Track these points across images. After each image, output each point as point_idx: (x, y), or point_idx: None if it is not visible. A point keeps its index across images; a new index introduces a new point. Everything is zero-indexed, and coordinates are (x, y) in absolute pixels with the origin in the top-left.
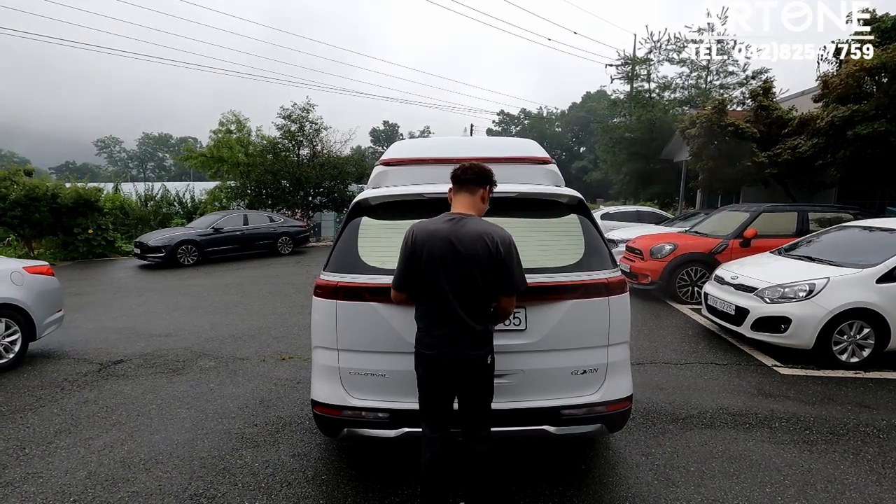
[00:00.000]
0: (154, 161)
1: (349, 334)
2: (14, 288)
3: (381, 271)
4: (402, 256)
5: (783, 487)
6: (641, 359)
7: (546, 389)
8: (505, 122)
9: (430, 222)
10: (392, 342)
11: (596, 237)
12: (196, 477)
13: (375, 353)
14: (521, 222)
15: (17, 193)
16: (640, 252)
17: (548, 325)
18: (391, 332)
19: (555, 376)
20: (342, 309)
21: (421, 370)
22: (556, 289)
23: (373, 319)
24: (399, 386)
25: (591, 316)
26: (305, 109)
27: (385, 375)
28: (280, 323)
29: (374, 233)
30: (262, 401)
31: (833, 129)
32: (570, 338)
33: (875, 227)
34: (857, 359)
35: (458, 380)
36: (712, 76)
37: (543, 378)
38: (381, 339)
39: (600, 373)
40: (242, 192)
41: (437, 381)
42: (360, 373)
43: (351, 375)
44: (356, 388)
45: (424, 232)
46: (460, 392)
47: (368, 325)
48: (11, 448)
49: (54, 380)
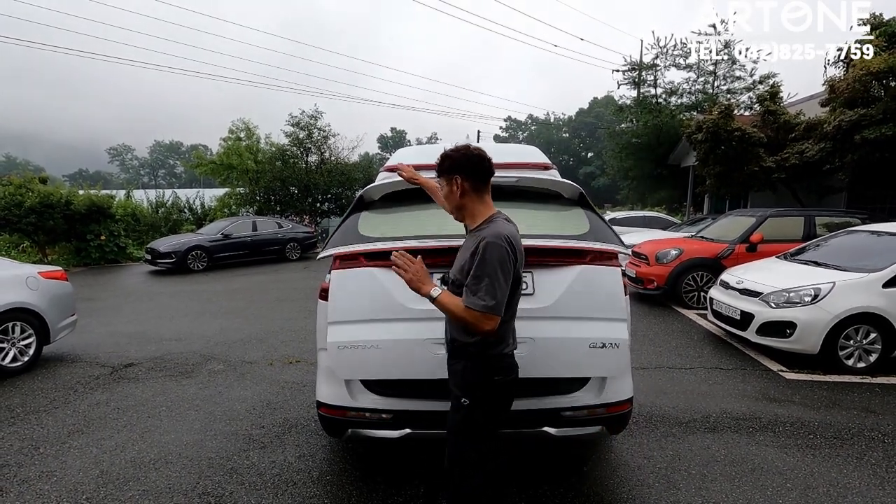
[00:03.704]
0: (165, 168)
1: (343, 303)
2: (29, 292)
3: (380, 240)
4: (504, 272)
5: (785, 490)
6: (646, 363)
7: (563, 362)
8: (512, 128)
9: (508, 225)
10: (389, 309)
11: (600, 222)
12: (204, 476)
13: (369, 321)
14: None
15: (32, 201)
16: (645, 257)
17: (557, 290)
18: (388, 297)
19: (571, 347)
20: (337, 278)
21: (505, 398)
22: (562, 252)
23: (369, 285)
24: (389, 359)
25: (603, 283)
26: (314, 117)
27: (378, 347)
28: (287, 327)
29: (376, 219)
30: (268, 403)
31: (840, 134)
32: (583, 306)
33: (882, 231)
34: (863, 364)
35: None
36: (719, 81)
37: (559, 349)
38: (377, 306)
39: (622, 350)
40: (251, 199)
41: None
42: (350, 346)
43: (339, 351)
44: (344, 366)
45: (515, 238)
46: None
47: (364, 291)
48: (27, 448)
49: (67, 382)
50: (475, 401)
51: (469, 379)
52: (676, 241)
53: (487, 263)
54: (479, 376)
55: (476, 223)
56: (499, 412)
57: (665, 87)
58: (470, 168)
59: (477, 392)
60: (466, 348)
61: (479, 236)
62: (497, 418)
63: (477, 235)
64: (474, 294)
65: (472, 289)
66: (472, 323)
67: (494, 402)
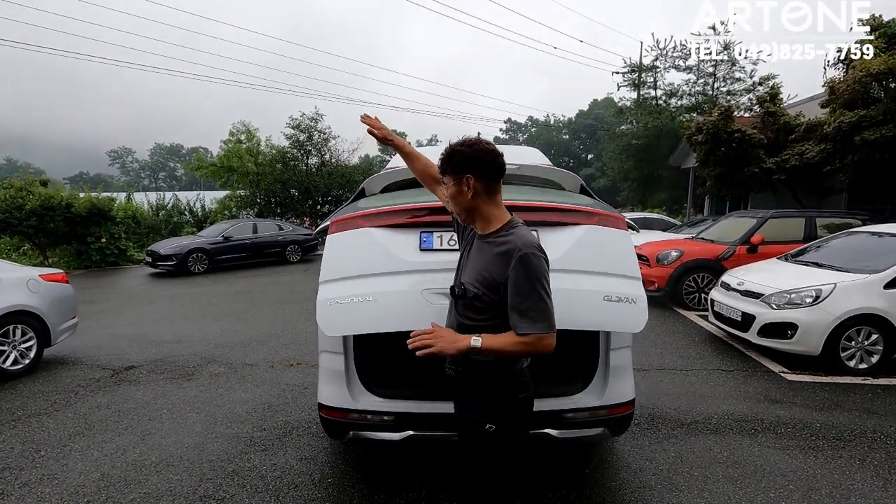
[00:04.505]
0: (165, 171)
1: (336, 262)
2: (30, 295)
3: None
4: (548, 284)
5: (787, 492)
6: (647, 365)
7: (574, 314)
8: (512, 130)
9: (533, 233)
10: (385, 264)
11: (605, 203)
12: (205, 479)
13: (365, 276)
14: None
15: (33, 203)
16: (646, 258)
17: (563, 246)
18: (385, 253)
19: (583, 299)
20: (331, 241)
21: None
22: (567, 211)
23: (365, 242)
24: (384, 311)
25: (613, 243)
26: (314, 119)
27: (372, 300)
28: (288, 329)
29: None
30: (270, 405)
31: (840, 135)
32: (593, 262)
33: (883, 232)
34: (865, 365)
35: None
36: (719, 83)
37: (569, 299)
38: (373, 262)
39: (640, 307)
40: (252, 201)
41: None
42: (343, 300)
43: (329, 307)
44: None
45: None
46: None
47: (359, 247)
48: (28, 451)
49: (68, 385)
50: (500, 423)
51: (492, 399)
52: (677, 242)
53: (532, 279)
54: (504, 395)
55: (490, 228)
56: (521, 428)
57: (665, 89)
58: (483, 166)
59: (500, 414)
60: (486, 365)
61: (507, 246)
62: (521, 430)
63: (499, 243)
64: (525, 316)
65: (520, 310)
66: (532, 349)
67: (520, 420)
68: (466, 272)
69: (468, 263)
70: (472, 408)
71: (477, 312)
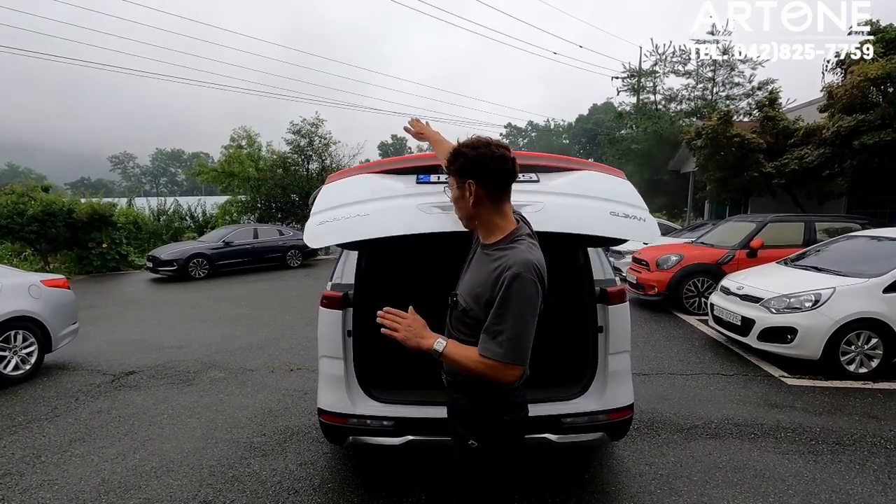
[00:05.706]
0: (167, 176)
1: (331, 199)
2: (31, 301)
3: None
4: (532, 313)
5: (787, 497)
6: (647, 369)
7: (580, 221)
8: (512, 135)
9: (536, 250)
10: (381, 192)
11: None
12: (205, 484)
13: (360, 202)
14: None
15: (35, 209)
16: (646, 263)
17: (564, 180)
18: (382, 186)
19: (589, 210)
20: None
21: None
22: (568, 162)
23: (362, 182)
24: (377, 220)
25: (611, 182)
26: (314, 124)
27: (367, 214)
28: (288, 335)
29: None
30: (270, 411)
31: (839, 139)
32: (595, 191)
33: (882, 236)
34: (865, 369)
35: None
36: (718, 87)
37: (574, 209)
38: (369, 192)
39: (648, 225)
40: (253, 206)
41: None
42: (335, 220)
43: (319, 226)
44: (319, 235)
45: (544, 267)
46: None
47: (355, 185)
48: (28, 456)
49: (69, 390)
50: (483, 442)
51: (474, 419)
52: (677, 247)
53: (512, 302)
54: (486, 416)
55: (493, 239)
56: (510, 448)
57: (664, 94)
58: (488, 172)
59: (482, 433)
60: (470, 384)
61: (501, 262)
62: (509, 453)
63: (496, 257)
64: (493, 338)
65: (492, 331)
66: (490, 375)
67: (504, 441)
68: (462, 283)
69: (467, 274)
70: (457, 421)
71: (465, 327)
